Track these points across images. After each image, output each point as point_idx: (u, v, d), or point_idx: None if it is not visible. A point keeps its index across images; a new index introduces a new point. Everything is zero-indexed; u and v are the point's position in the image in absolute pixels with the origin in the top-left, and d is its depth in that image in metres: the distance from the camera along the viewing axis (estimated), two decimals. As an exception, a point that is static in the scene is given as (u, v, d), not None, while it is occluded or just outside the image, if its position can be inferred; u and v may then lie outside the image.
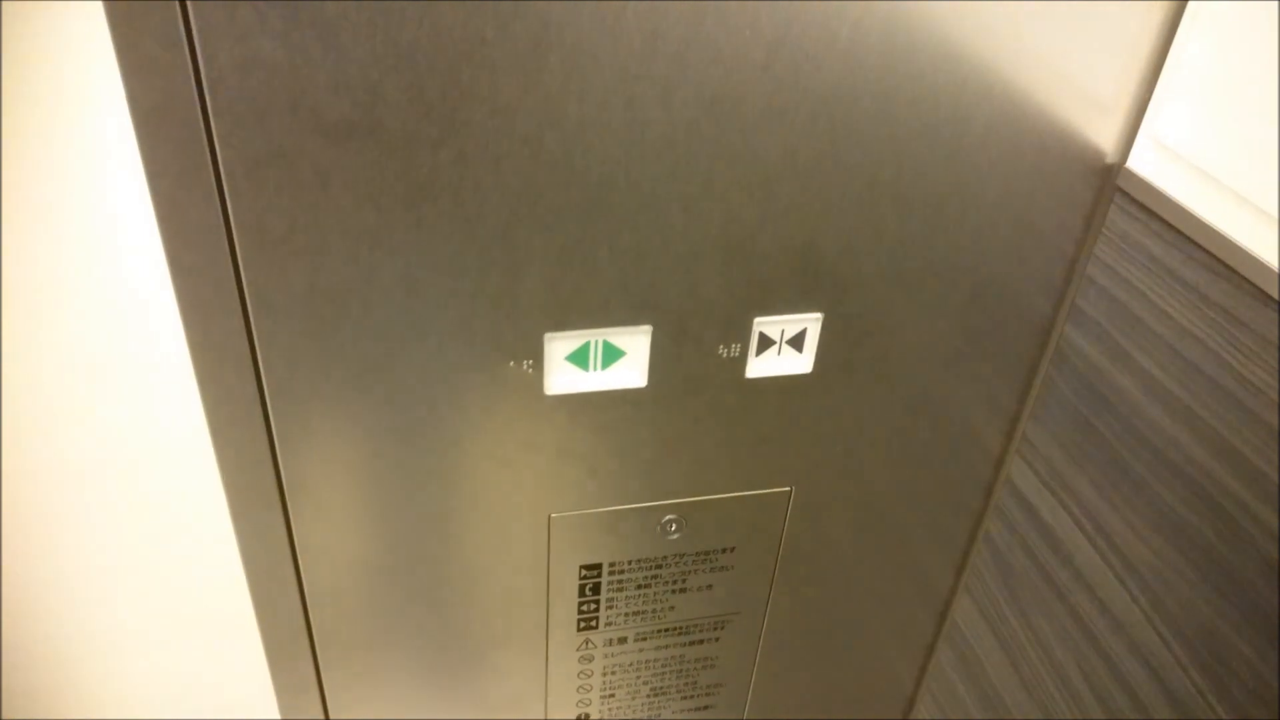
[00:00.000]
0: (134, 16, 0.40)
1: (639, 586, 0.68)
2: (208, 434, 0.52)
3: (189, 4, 0.40)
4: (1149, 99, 0.52)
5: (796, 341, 0.57)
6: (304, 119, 0.44)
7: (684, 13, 0.44)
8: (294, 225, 0.47)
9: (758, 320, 0.56)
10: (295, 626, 0.63)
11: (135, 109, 0.42)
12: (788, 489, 0.65)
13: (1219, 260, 0.48)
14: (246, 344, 0.50)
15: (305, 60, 0.42)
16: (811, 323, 0.57)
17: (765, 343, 0.57)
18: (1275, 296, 0.44)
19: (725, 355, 0.57)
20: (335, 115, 0.44)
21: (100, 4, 0.39)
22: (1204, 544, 0.51)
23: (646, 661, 0.74)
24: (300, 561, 0.60)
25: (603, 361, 0.55)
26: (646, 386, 0.57)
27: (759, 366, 0.58)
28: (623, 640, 0.72)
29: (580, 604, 0.68)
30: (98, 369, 0.49)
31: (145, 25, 0.40)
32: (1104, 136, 0.53)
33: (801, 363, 0.58)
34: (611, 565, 0.66)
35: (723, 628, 0.74)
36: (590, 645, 0.71)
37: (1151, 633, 0.55)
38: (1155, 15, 0.49)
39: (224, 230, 0.46)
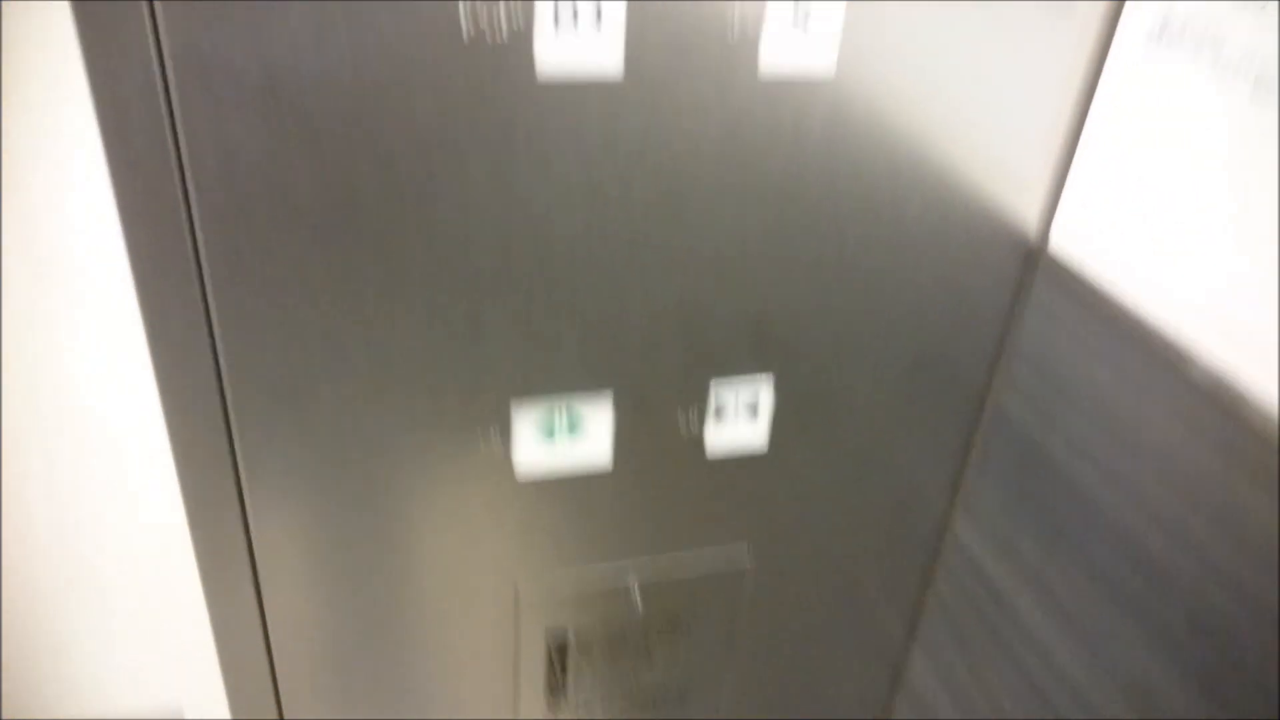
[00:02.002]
0: (119, 109, 0.42)
1: (606, 657, 0.70)
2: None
3: (175, 103, 0.43)
4: (1064, 182, 0.57)
5: (751, 410, 0.60)
6: (284, 209, 0.46)
7: (642, 105, 0.48)
8: (271, 305, 0.49)
9: (714, 381, 0.59)
10: (263, 696, 0.63)
11: (121, 200, 0.44)
12: (747, 556, 0.68)
13: (1139, 327, 0.52)
14: (223, 422, 0.52)
15: (286, 155, 0.45)
16: (764, 384, 0.60)
17: (721, 413, 0.60)
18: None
19: (686, 432, 0.60)
20: (314, 206, 0.47)
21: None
22: (1134, 597, 0.54)
23: (612, 729, 0.75)
24: (270, 629, 0.60)
25: (569, 427, 0.58)
26: (611, 470, 0.60)
27: (718, 438, 0.61)
28: (589, 708, 0.73)
29: (548, 674, 0.69)
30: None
31: (129, 120, 0.43)
32: (1027, 217, 0.58)
33: (757, 431, 0.61)
34: (579, 635, 0.68)
35: (686, 696, 0.75)
36: (559, 715, 0.72)
37: (1092, 683, 0.58)
38: (1068, 100, 0.54)
39: (203, 313, 0.48)
